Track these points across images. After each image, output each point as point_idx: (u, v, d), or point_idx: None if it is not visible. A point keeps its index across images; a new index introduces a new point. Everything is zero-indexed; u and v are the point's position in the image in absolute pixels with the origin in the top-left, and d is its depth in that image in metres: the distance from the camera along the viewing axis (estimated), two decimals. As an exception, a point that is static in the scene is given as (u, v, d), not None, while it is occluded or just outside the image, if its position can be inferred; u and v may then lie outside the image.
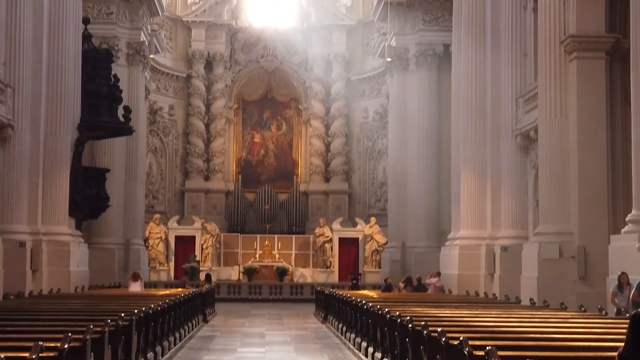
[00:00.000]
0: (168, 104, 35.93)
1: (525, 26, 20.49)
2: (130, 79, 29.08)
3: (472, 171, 22.50)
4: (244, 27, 37.38)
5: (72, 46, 21.55)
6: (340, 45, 36.93)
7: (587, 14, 16.85)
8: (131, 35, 29.34)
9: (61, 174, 21.13)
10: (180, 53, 36.86)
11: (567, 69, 17.14)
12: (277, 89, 37.50)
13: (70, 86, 21.37)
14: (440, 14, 29.54)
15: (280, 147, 37.73)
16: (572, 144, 16.92)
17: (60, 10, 21.11)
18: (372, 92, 36.16)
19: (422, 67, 29.99)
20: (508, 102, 20.81)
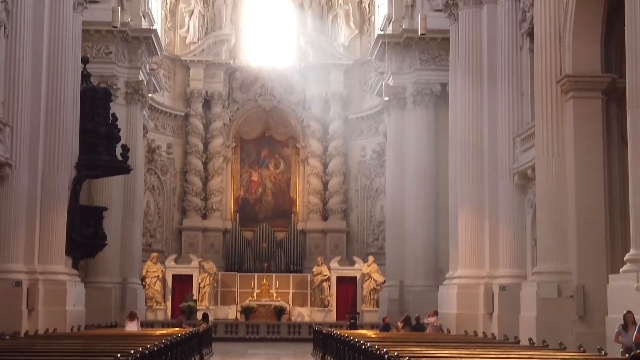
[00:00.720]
0: (166, 143, 35.99)
1: (522, 66, 20.64)
2: (128, 117, 29.17)
3: (470, 210, 22.48)
4: (242, 66, 37.59)
5: (71, 85, 21.65)
6: (337, 84, 37.12)
7: (582, 54, 16.98)
8: (130, 75, 29.50)
9: (58, 213, 21.10)
10: (179, 92, 37.02)
11: (563, 109, 17.22)
12: (275, 127, 37.60)
13: (68, 125, 21.42)
14: (437, 54, 29.73)
15: (278, 186, 37.73)
16: (570, 183, 16.95)
17: (60, 50, 21.24)
18: (369, 130, 36.27)
19: (419, 106, 30.11)
20: (505, 141, 20.87)
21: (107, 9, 28.16)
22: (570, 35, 16.99)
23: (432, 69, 29.97)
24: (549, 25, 17.47)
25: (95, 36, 28.26)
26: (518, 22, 20.93)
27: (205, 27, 37.57)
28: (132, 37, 29.33)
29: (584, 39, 16.96)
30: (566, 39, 17.12)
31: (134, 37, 29.48)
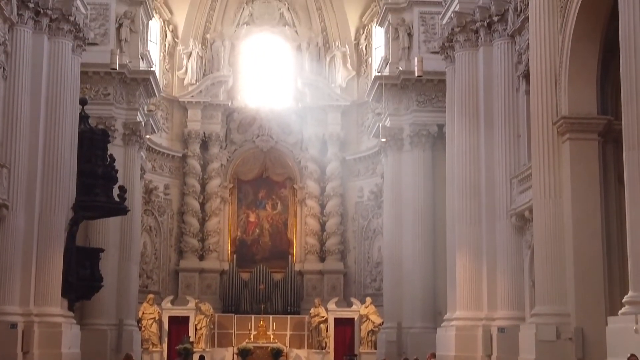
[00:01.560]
0: (163, 184, 35.99)
1: (518, 108, 20.73)
2: (126, 158, 29.19)
3: (468, 251, 22.41)
4: (240, 107, 37.75)
5: (69, 127, 21.72)
6: (335, 125, 37.24)
7: (578, 96, 17.05)
8: (128, 116, 29.59)
9: (55, 255, 21.03)
10: (176, 133, 37.11)
11: (560, 150, 17.25)
12: (272, 168, 37.65)
13: (65, 166, 21.44)
14: (434, 95, 29.87)
15: (275, 227, 37.67)
16: (567, 224, 16.92)
17: (58, 92, 21.35)
18: (367, 171, 36.32)
19: (416, 147, 30.17)
20: (502, 183, 20.89)
21: (106, 51, 28.37)
22: (566, 78, 17.08)
23: (429, 110, 30.08)
24: (544, 68, 17.58)
25: (94, 78, 28.39)
26: (514, 65, 21.07)
27: (203, 68, 37.80)
28: (130, 78, 29.48)
29: (579, 81, 17.05)
30: (562, 81, 17.21)
31: (132, 79, 29.63)
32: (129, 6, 29.96)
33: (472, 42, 22.47)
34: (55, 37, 21.55)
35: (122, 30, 29.66)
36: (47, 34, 21.27)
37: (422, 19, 30.32)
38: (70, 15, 21.62)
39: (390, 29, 31.26)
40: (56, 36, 21.56)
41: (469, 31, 22.42)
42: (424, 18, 30.27)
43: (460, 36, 22.59)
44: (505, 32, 21.26)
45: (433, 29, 29.92)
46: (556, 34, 17.51)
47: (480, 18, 21.92)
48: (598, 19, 16.78)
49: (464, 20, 22.36)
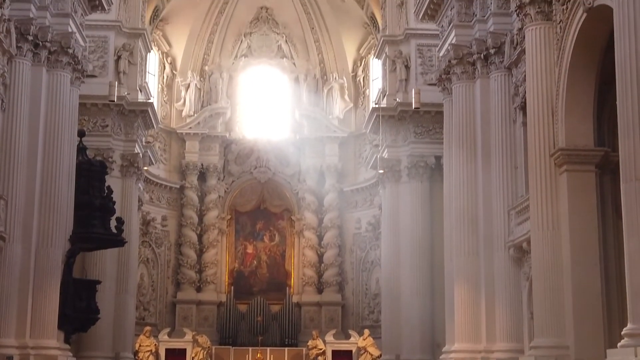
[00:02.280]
0: (161, 215, 35.96)
1: (515, 139, 20.77)
2: (123, 190, 29.20)
3: (466, 283, 22.32)
4: (238, 139, 37.86)
5: (67, 159, 21.71)
6: (332, 157, 37.33)
7: (575, 128, 17.09)
8: (126, 148, 29.63)
9: (51, 287, 20.92)
10: (174, 164, 37.16)
11: (557, 182, 17.25)
12: (270, 200, 37.67)
13: (63, 198, 21.41)
14: (432, 127, 29.96)
15: (272, 258, 37.61)
16: (565, 256, 16.88)
17: (56, 124, 21.37)
18: (364, 203, 36.33)
19: (414, 179, 30.19)
20: (500, 214, 20.87)
21: (105, 83, 28.50)
22: (562, 110, 17.14)
23: (427, 142, 30.16)
24: (541, 100, 17.64)
25: (92, 109, 28.47)
26: (511, 96, 21.14)
27: (201, 100, 37.97)
28: (128, 110, 29.56)
29: (576, 113, 17.11)
30: (559, 113, 17.27)
31: (131, 111, 29.71)
32: (128, 39, 30.14)
33: (469, 74, 22.56)
34: (54, 69, 21.60)
35: (120, 63, 29.80)
36: (45, 66, 21.34)
37: (419, 51, 30.51)
38: (69, 47, 21.70)
39: (387, 61, 31.42)
40: (55, 68, 21.61)
41: (465, 63, 22.52)
42: (421, 50, 30.45)
43: (457, 68, 22.68)
44: (502, 64, 21.36)
45: (430, 61, 30.10)
46: (552, 67, 17.61)
47: (477, 50, 22.03)
48: (594, 51, 16.88)
49: (460, 52, 22.47)
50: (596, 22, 16.18)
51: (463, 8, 22.67)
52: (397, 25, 31.14)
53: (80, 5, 22.85)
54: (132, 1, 30.45)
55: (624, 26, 13.49)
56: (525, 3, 18.04)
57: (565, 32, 17.13)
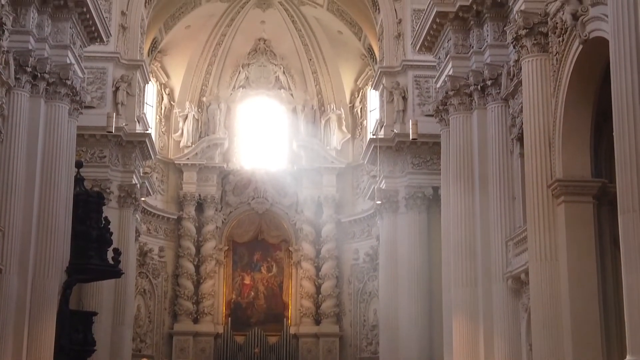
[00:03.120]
0: (158, 246, 35.88)
1: (513, 170, 20.78)
2: (120, 221, 29.11)
3: (464, 314, 22.22)
4: (235, 170, 37.90)
5: (64, 190, 21.69)
6: (330, 188, 37.35)
7: (572, 159, 17.13)
8: (123, 179, 29.60)
9: (47, 318, 20.80)
10: (172, 195, 37.15)
11: (555, 213, 17.26)
12: (267, 230, 37.64)
13: (60, 229, 21.35)
14: (429, 158, 29.98)
15: (270, 289, 37.50)
16: (564, 287, 16.84)
17: (54, 155, 21.36)
18: (362, 234, 36.28)
19: (411, 210, 30.15)
20: (498, 245, 20.82)
21: (103, 114, 28.54)
22: (559, 141, 17.19)
23: (424, 172, 30.16)
24: (538, 131, 17.70)
25: (90, 140, 28.48)
26: (508, 127, 21.19)
27: (199, 131, 38.07)
28: (126, 141, 29.57)
29: (573, 144, 17.16)
30: (556, 144, 17.32)
31: (128, 142, 29.72)
32: (126, 70, 30.24)
33: (466, 105, 22.62)
34: (52, 100, 21.64)
35: (118, 94, 29.85)
36: (44, 98, 21.38)
37: (416, 83, 30.62)
38: (68, 79, 21.76)
39: (384, 92, 31.54)
40: (53, 100, 21.65)
41: (462, 95, 22.59)
42: (418, 82, 30.57)
43: (454, 99, 22.75)
44: (499, 95, 21.43)
45: (427, 92, 30.21)
46: (549, 98, 17.69)
47: (474, 82, 22.11)
48: (590, 83, 16.97)
49: (457, 84, 22.56)
50: (592, 54, 16.29)
51: (460, 40, 22.81)
52: (394, 56, 31.29)
53: (79, 37, 22.96)
54: (131, 33, 30.58)
55: (620, 58, 13.57)
56: (522, 35, 18.16)
57: (561, 64, 17.24)
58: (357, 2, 34.18)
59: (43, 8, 21.26)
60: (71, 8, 21.86)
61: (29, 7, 20.76)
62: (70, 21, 22.08)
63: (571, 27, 16.50)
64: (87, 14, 22.49)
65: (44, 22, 21.39)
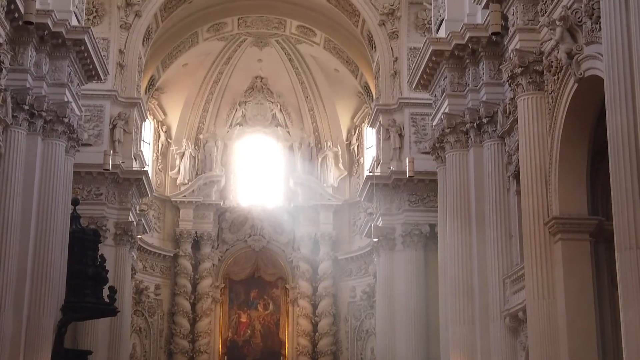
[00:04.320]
0: (154, 284, 35.72)
1: (510, 208, 20.79)
2: (117, 259, 29.01)
3: (462, 353, 22.09)
4: (232, 207, 37.89)
5: (60, 228, 21.65)
6: (327, 225, 37.30)
7: (569, 197, 17.16)
8: (120, 216, 29.54)
9: (42, 357, 20.65)
10: (168, 232, 37.07)
11: (552, 250, 17.24)
12: (264, 268, 37.53)
13: (56, 267, 21.29)
14: (426, 195, 29.97)
15: (266, 327, 37.29)
16: (562, 325, 16.77)
17: (50, 193, 21.36)
18: (359, 271, 36.17)
19: (408, 247, 30.08)
20: (495, 283, 20.76)
21: (99, 152, 28.58)
22: (556, 179, 17.23)
23: (421, 210, 30.14)
24: (534, 169, 17.75)
25: (87, 178, 28.46)
26: (504, 165, 21.23)
27: (195, 168, 38.11)
28: (123, 178, 29.56)
29: (569, 182, 17.20)
30: (552, 182, 17.35)
31: (125, 179, 29.70)
32: (124, 108, 30.32)
33: (462, 143, 22.70)
34: (49, 138, 21.70)
35: (115, 131, 29.91)
36: (41, 135, 21.43)
37: (412, 120, 30.73)
38: (65, 117, 21.83)
39: (381, 129, 31.64)
40: (50, 137, 21.71)
41: (459, 132, 22.67)
42: (414, 119, 30.68)
43: (450, 137, 22.83)
44: (495, 133, 21.51)
45: (424, 130, 30.30)
46: (545, 136, 17.76)
47: (470, 120, 22.21)
48: (586, 120, 17.06)
49: (454, 121, 22.65)
50: (587, 92, 16.39)
51: (455, 78, 22.94)
52: (391, 94, 31.44)
53: (77, 75, 23.08)
54: (129, 71, 30.73)
55: (615, 96, 13.66)
56: (517, 73, 18.28)
57: (557, 102, 17.33)
58: (354, 41, 34.44)
59: (41, 47, 21.40)
60: (69, 47, 22.01)
61: (27, 45, 20.90)
62: (68, 59, 22.22)
63: (566, 66, 16.62)
64: (85, 53, 22.63)
65: (42, 60, 21.52)
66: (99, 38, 27.32)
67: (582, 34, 15.98)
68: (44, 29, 21.09)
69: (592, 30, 15.55)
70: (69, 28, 21.77)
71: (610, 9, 14.05)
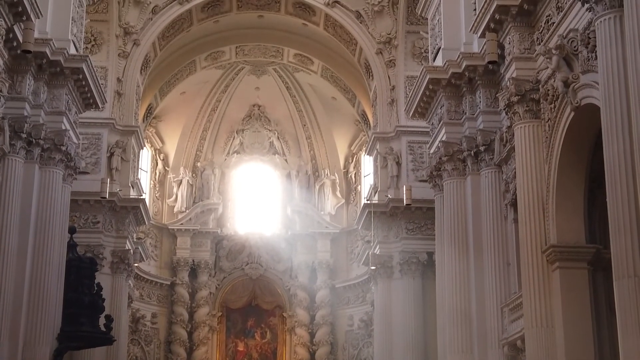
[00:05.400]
0: (151, 312, 35.55)
1: (507, 236, 20.75)
2: (113, 287, 28.87)
3: (460, 382, 21.99)
4: (229, 235, 37.83)
5: (57, 256, 21.58)
6: (324, 253, 37.22)
7: (566, 225, 17.14)
8: (116, 244, 29.44)
9: (37, 387, 20.53)
10: (165, 260, 36.98)
11: (550, 279, 17.20)
12: (261, 296, 37.41)
13: (52, 296, 21.19)
14: (423, 223, 29.93)
15: (264, 356, 37.09)
16: (560, 354, 16.68)
17: (47, 221, 21.31)
18: (357, 299, 36.04)
19: (406, 275, 29.99)
20: (493, 311, 20.68)
21: (97, 180, 28.54)
22: (553, 207, 17.23)
23: (419, 238, 30.08)
24: (532, 197, 17.75)
25: (84, 206, 28.40)
26: (501, 193, 21.23)
27: (193, 196, 38.09)
28: (120, 207, 29.50)
29: (567, 210, 17.19)
30: (550, 210, 17.35)
31: (122, 207, 29.65)
32: (121, 136, 30.34)
33: (459, 170, 22.71)
34: (47, 166, 21.68)
35: (113, 159, 29.90)
36: (38, 164, 21.42)
37: (410, 148, 30.76)
38: (63, 145, 21.83)
39: (378, 157, 31.67)
40: (47, 165, 21.70)
41: (456, 160, 22.69)
42: (412, 147, 30.72)
43: (447, 165, 22.85)
44: (492, 161, 21.53)
45: (421, 158, 30.33)
46: (542, 164, 17.78)
47: (467, 148, 22.24)
48: (583, 148, 17.10)
49: (451, 149, 22.68)
50: (584, 121, 16.45)
51: (452, 106, 23.01)
52: (388, 122, 31.50)
53: (75, 103, 23.12)
54: (126, 99, 30.78)
55: (611, 125, 13.71)
56: (514, 102, 18.34)
57: (553, 130, 17.37)
58: (351, 69, 34.58)
59: (39, 75, 21.45)
60: (67, 75, 22.06)
61: (25, 74, 20.94)
62: (66, 88, 22.27)
63: (562, 94, 16.68)
64: (83, 81, 22.69)
65: (40, 88, 21.55)
66: (97, 66, 27.42)
67: (578, 63, 16.05)
68: (42, 58, 21.15)
69: (588, 59, 15.63)
70: (67, 56, 21.84)
71: (606, 38, 14.15)
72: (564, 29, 16.69)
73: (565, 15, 16.77)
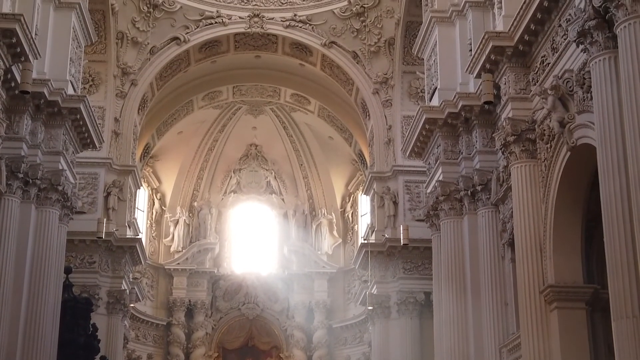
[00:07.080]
0: (146, 353, 35.29)
1: (505, 276, 20.67)
2: (109, 327, 28.66)
3: (459, 423, 21.76)
4: (226, 275, 37.70)
5: (52, 297, 21.44)
6: (321, 293, 37.08)
7: (564, 265, 17.09)
8: (112, 284, 29.29)
9: None
10: (161, 301, 36.78)
11: (548, 319, 17.11)
12: (258, 336, 37.19)
13: (47, 337, 21.00)
14: (421, 262, 29.85)
15: (261, 397, 36.79)
16: (559, 395, 16.57)
17: (43, 262, 21.21)
18: (354, 339, 35.82)
19: (403, 315, 29.84)
20: (492, 352, 20.52)
21: (93, 219, 28.47)
22: (550, 246, 17.19)
23: (416, 277, 29.98)
24: (528, 236, 17.72)
25: (80, 246, 28.30)
26: (499, 233, 21.19)
27: (189, 236, 38.02)
28: (116, 246, 29.40)
29: (564, 250, 17.15)
30: (547, 250, 17.32)
31: (119, 247, 29.55)
32: (118, 175, 30.35)
33: (456, 210, 22.68)
34: (43, 206, 21.63)
35: (110, 199, 29.86)
36: (35, 204, 21.37)
37: (406, 188, 30.78)
38: (59, 185, 21.80)
39: (375, 197, 31.66)
40: (44, 205, 21.64)
41: (453, 200, 22.68)
42: (408, 187, 30.74)
43: (444, 205, 22.83)
44: (489, 201, 21.52)
45: (418, 197, 30.33)
46: (539, 204, 17.78)
47: (464, 187, 22.24)
48: (579, 188, 17.11)
49: (448, 189, 22.67)
50: (580, 160, 16.48)
51: (449, 146, 23.05)
52: (385, 162, 31.57)
53: (72, 143, 23.15)
54: (124, 139, 30.85)
55: (608, 164, 13.74)
56: (510, 141, 18.39)
57: (550, 170, 17.40)
58: (348, 109, 34.74)
59: (37, 115, 21.48)
60: (65, 115, 22.10)
61: (23, 114, 20.97)
62: (63, 128, 22.29)
63: (558, 134, 16.73)
64: (81, 121, 22.73)
65: (37, 128, 21.57)
66: (95, 106, 27.49)
67: (574, 103, 16.13)
68: (40, 98, 21.21)
69: (583, 99, 15.70)
70: (65, 97, 21.90)
71: (601, 79, 14.23)
72: (559, 69, 16.80)
73: (561, 56, 16.89)
